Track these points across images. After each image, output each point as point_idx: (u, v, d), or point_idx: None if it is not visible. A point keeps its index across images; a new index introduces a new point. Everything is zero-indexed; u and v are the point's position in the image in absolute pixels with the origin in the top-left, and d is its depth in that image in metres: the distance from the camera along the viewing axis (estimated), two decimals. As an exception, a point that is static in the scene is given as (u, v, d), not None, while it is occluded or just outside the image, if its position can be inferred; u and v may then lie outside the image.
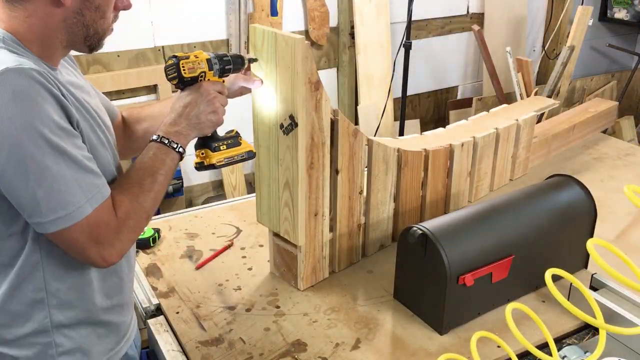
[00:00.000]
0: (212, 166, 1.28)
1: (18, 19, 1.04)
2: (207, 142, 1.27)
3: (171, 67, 1.20)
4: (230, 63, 1.28)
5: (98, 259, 1.06)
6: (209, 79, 1.24)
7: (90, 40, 1.11)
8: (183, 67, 1.20)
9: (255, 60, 1.39)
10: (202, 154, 1.28)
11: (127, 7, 1.16)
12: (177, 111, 1.20)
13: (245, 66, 1.34)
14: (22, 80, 0.95)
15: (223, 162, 1.29)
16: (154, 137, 1.17)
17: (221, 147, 1.28)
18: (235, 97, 1.42)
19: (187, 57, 1.21)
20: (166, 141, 1.16)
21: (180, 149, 1.17)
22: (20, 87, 0.95)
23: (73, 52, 1.18)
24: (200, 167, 1.29)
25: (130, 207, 1.09)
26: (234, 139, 1.31)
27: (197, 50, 1.26)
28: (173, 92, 2.74)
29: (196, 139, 1.27)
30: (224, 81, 1.28)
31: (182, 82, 1.22)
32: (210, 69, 1.24)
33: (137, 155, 1.24)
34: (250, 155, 1.34)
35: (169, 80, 1.22)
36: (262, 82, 1.40)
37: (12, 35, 1.03)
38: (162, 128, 1.19)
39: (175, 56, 1.21)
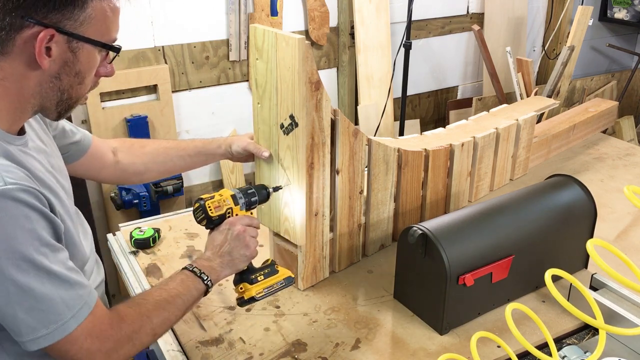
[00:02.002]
0: (252, 299, 1.29)
1: None
2: (244, 276, 1.30)
3: (198, 210, 1.25)
4: (255, 195, 1.34)
5: None
6: (236, 214, 1.28)
7: (61, 105, 1.07)
8: (209, 207, 1.24)
9: (280, 188, 1.42)
10: (241, 288, 1.30)
11: (110, 74, 1.12)
12: (211, 250, 1.25)
13: (270, 196, 1.39)
14: (7, 204, 0.93)
15: (263, 293, 1.30)
16: (188, 266, 1.21)
17: (259, 278, 1.30)
18: (242, 162, 1.54)
19: (212, 197, 1.26)
20: (197, 271, 1.20)
21: (209, 283, 1.20)
22: (6, 211, 0.93)
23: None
24: (241, 302, 1.31)
25: (136, 323, 1.08)
26: (270, 267, 1.34)
27: (222, 189, 1.30)
28: (173, 92, 2.74)
29: (233, 275, 1.30)
30: (252, 213, 1.32)
31: (210, 222, 1.26)
32: (236, 204, 1.29)
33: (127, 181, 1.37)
34: (289, 281, 1.36)
35: (198, 222, 1.27)
36: (270, 153, 1.44)
37: None
38: (198, 261, 1.23)
39: (200, 199, 1.26)
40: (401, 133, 3.21)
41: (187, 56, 2.77)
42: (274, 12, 2.88)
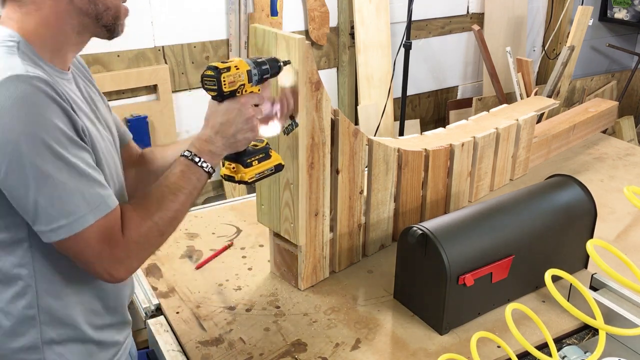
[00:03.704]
0: (244, 182, 1.24)
1: (30, 15, 1.02)
2: (239, 157, 1.23)
3: (210, 79, 1.14)
4: (268, 72, 1.24)
5: (104, 274, 1.05)
6: (246, 90, 1.19)
7: (103, 18, 1.07)
8: (224, 80, 1.13)
9: (288, 62, 1.32)
10: (233, 168, 1.24)
11: None
12: (213, 128, 1.16)
13: (281, 69, 1.29)
14: (25, 87, 0.93)
15: (255, 178, 1.25)
16: (186, 152, 1.14)
17: (253, 163, 1.24)
18: None
19: (228, 69, 1.14)
20: (197, 159, 1.13)
21: (210, 169, 1.15)
22: (23, 94, 0.93)
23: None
24: (229, 180, 1.25)
25: (141, 225, 1.07)
26: (265, 152, 1.27)
27: (237, 59, 1.19)
28: (173, 92, 2.74)
29: None
30: (259, 90, 1.23)
31: (220, 96, 1.16)
32: (250, 80, 1.19)
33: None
34: (279, 168, 1.30)
35: (206, 91, 1.17)
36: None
37: (27, 41, 1.02)
38: (196, 144, 1.16)
39: (215, 67, 1.14)
40: (401, 133, 3.21)
41: (187, 56, 2.77)
42: (274, 12, 2.88)
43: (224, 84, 1.14)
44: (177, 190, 1.11)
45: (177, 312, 1.49)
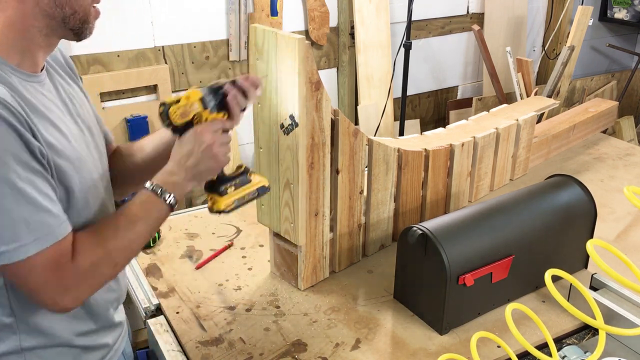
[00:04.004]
0: (220, 212, 1.22)
1: None
2: (214, 186, 1.21)
3: (162, 115, 1.14)
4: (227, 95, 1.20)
5: (49, 303, 1.01)
6: (206, 119, 1.16)
7: (70, 22, 1.04)
8: (174, 113, 1.13)
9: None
10: (211, 198, 1.23)
11: None
12: (175, 160, 1.15)
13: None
14: None
15: (233, 206, 1.22)
16: (148, 184, 1.12)
17: (228, 190, 1.22)
18: None
19: (178, 102, 1.13)
20: (158, 191, 1.11)
21: (172, 200, 1.12)
22: None
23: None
24: (211, 212, 1.24)
25: (92, 253, 1.04)
26: (242, 177, 1.24)
27: (190, 90, 1.16)
28: (173, 92, 2.74)
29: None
30: (223, 115, 1.18)
31: (176, 130, 1.15)
32: (205, 107, 1.15)
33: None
34: (262, 190, 1.27)
35: (165, 127, 1.16)
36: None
37: None
38: (159, 176, 1.14)
39: (164, 103, 1.14)
40: (401, 133, 3.21)
41: (187, 56, 2.76)
42: (274, 12, 2.88)
43: (175, 117, 1.13)
44: (135, 220, 1.09)
45: (177, 312, 1.49)
